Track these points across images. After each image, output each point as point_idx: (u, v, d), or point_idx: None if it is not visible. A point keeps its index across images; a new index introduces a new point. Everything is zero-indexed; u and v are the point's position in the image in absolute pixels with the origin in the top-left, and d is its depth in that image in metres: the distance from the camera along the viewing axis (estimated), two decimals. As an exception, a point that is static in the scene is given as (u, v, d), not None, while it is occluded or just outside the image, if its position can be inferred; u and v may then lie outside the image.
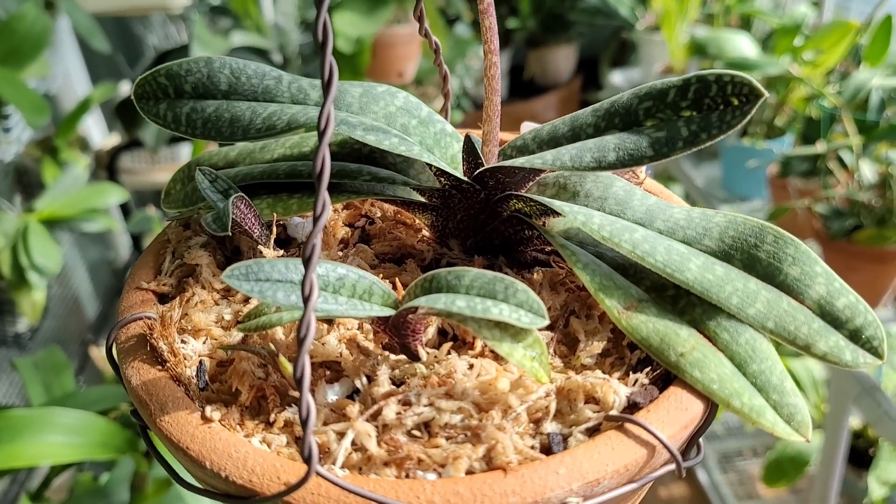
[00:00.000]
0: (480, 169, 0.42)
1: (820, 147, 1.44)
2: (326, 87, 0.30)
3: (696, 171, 1.94)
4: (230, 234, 0.41)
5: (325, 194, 0.31)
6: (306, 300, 0.30)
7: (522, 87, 3.47)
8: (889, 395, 1.30)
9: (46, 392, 1.26)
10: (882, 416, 1.36)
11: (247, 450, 0.34)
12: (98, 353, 1.79)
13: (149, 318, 0.41)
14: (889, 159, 1.32)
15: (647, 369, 0.38)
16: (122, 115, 2.08)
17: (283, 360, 0.36)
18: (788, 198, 1.51)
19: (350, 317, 0.37)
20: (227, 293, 0.44)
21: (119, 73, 2.32)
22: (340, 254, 0.46)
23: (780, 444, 1.76)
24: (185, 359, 0.39)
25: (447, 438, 0.35)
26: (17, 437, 0.92)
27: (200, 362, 0.39)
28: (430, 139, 0.44)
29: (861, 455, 1.67)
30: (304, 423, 0.30)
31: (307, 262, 0.31)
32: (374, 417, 0.36)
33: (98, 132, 2.26)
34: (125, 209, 2.24)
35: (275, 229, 0.42)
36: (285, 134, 0.41)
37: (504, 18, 3.10)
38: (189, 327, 0.41)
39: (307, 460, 0.31)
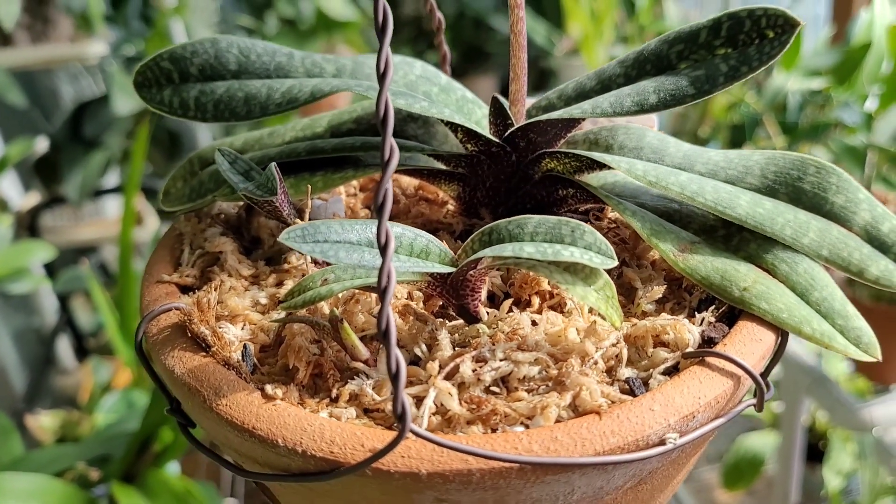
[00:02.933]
0: (511, 129, 0.41)
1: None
2: (382, 29, 0.28)
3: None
4: (272, 203, 0.39)
5: (391, 140, 0.29)
6: (384, 247, 0.29)
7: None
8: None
9: (-7, 459, 1.17)
10: (835, 404, 1.40)
11: (320, 422, 0.32)
12: (35, 422, 1.68)
13: (178, 308, 0.38)
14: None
15: (711, 308, 0.37)
16: (42, 171, 1.99)
17: (346, 326, 0.34)
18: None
19: (414, 273, 0.35)
20: (256, 280, 0.41)
21: (34, 129, 2.23)
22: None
23: (735, 448, 1.78)
24: (228, 343, 0.36)
25: (528, 391, 0.34)
26: (-30, 508, 0.85)
27: (245, 346, 0.36)
28: (453, 105, 0.43)
29: (812, 449, 1.71)
30: (395, 378, 0.28)
31: (380, 210, 0.29)
32: (450, 377, 0.34)
33: (15, 192, 2.15)
34: (49, 270, 2.13)
35: (309, 202, 0.40)
36: (308, 104, 0.40)
37: (423, 53, 3.14)
38: (226, 313, 0.38)
39: (400, 418, 0.29)
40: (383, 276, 0.29)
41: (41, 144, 2.04)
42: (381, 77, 0.29)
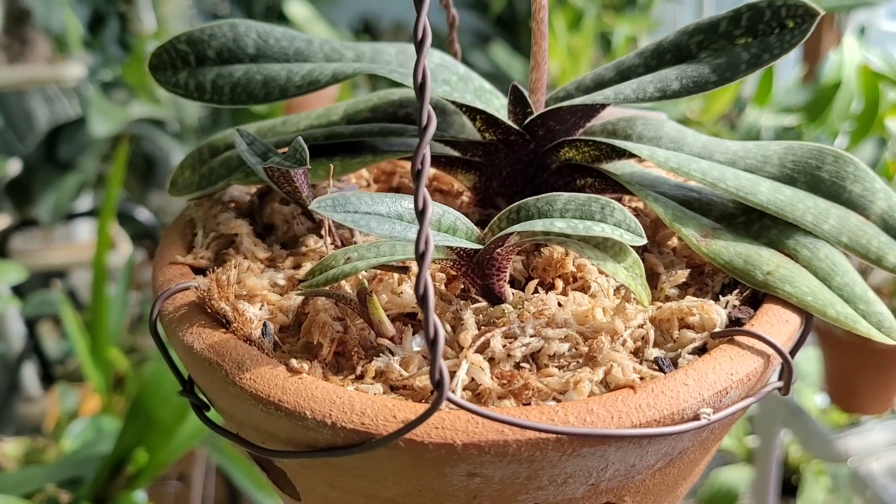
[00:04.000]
0: (532, 116, 0.41)
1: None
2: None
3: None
4: (293, 183, 0.38)
5: (428, 106, 0.29)
6: (421, 212, 0.28)
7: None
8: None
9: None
10: (810, 435, 1.41)
11: (349, 395, 0.31)
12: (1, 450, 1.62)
13: (194, 287, 0.38)
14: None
15: (735, 292, 0.37)
16: (14, 193, 1.96)
17: (375, 299, 0.33)
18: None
19: (440, 250, 0.34)
20: (272, 262, 0.40)
21: (8, 150, 2.19)
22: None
23: (710, 482, 1.78)
24: (249, 321, 0.35)
25: (559, 367, 0.33)
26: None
27: (265, 324, 0.35)
28: (471, 94, 0.43)
29: (786, 484, 1.71)
30: (433, 343, 0.28)
31: (418, 175, 0.29)
32: (479, 352, 0.33)
33: (-17, 214, 2.11)
34: (18, 294, 2.07)
35: (330, 183, 0.39)
36: (328, 86, 0.39)
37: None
38: (244, 293, 0.37)
39: (438, 385, 0.28)
40: (421, 241, 0.28)
41: (13, 166, 2.01)
42: (420, 44, 0.29)
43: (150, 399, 1.09)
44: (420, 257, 0.28)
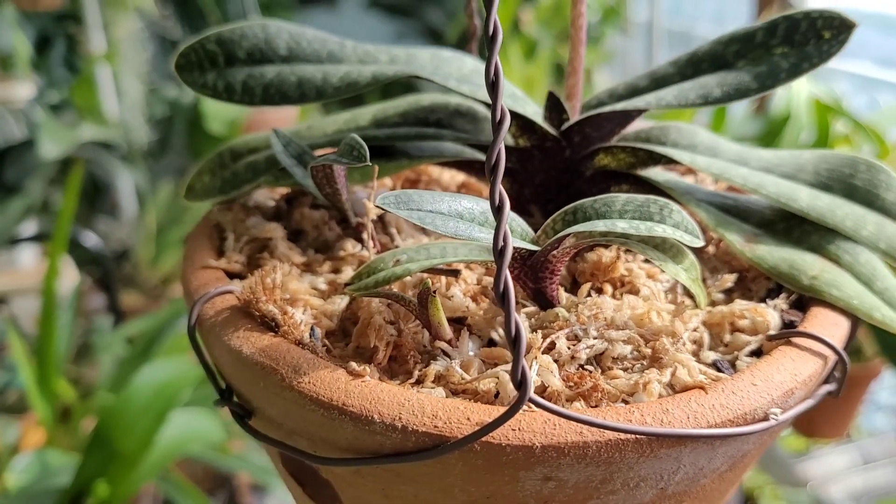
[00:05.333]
0: (569, 122, 0.41)
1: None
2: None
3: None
4: (335, 185, 0.37)
5: (502, 103, 0.29)
6: (498, 209, 0.28)
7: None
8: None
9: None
10: (772, 460, 1.43)
11: (418, 397, 0.30)
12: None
13: (232, 291, 0.36)
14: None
15: (781, 296, 0.37)
16: (-46, 217, 1.87)
17: (437, 300, 0.32)
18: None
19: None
20: (309, 267, 0.39)
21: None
22: (408, 229, 0.43)
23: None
24: (298, 324, 0.34)
25: (623, 370, 0.33)
26: None
27: (312, 328, 0.34)
28: (507, 99, 0.42)
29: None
30: (515, 342, 0.27)
31: (494, 170, 0.28)
32: (546, 353, 0.32)
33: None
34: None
35: (375, 184, 0.38)
36: (368, 89, 0.39)
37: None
38: (286, 297, 0.36)
39: (520, 385, 0.27)
40: (499, 237, 0.27)
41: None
42: (491, 40, 0.29)
43: (112, 428, 1.04)
44: (499, 254, 0.27)
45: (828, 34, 0.39)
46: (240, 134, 2.05)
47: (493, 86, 0.29)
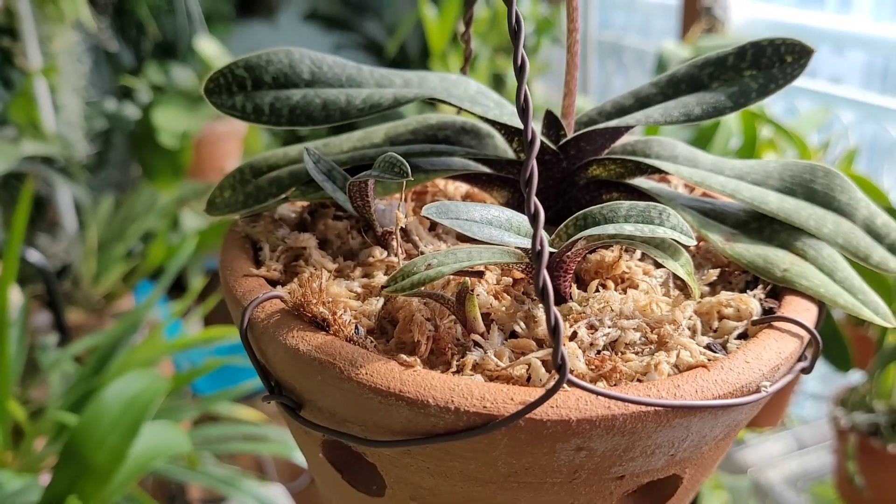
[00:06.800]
0: (566, 138, 0.46)
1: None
2: (517, 30, 0.33)
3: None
4: (366, 197, 0.40)
5: (531, 125, 0.33)
6: (534, 216, 0.32)
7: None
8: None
9: None
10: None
11: (465, 382, 0.34)
12: None
13: (278, 296, 0.39)
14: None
15: (759, 287, 0.43)
16: None
17: (474, 298, 0.37)
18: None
19: (514, 252, 0.38)
20: (341, 273, 0.43)
21: None
22: (427, 237, 0.47)
23: None
24: (347, 323, 0.38)
25: (635, 354, 0.38)
26: None
27: (356, 326, 0.38)
28: (508, 117, 0.47)
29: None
30: (555, 330, 0.31)
31: (528, 183, 0.33)
32: (569, 341, 0.37)
33: None
34: None
35: (402, 196, 0.42)
36: (391, 110, 0.43)
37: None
38: (329, 300, 0.39)
39: (560, 368, 0.32)
40: (537, 241, 0.32)
41: None
42: (520, 71, 0.33)
43: (84, 443, 1.05)
44: (537, 256, 0.32)
45: (790, 58, 0.45)
46: (190, 152, 2.05)
47: (523, 111, 0.33)
